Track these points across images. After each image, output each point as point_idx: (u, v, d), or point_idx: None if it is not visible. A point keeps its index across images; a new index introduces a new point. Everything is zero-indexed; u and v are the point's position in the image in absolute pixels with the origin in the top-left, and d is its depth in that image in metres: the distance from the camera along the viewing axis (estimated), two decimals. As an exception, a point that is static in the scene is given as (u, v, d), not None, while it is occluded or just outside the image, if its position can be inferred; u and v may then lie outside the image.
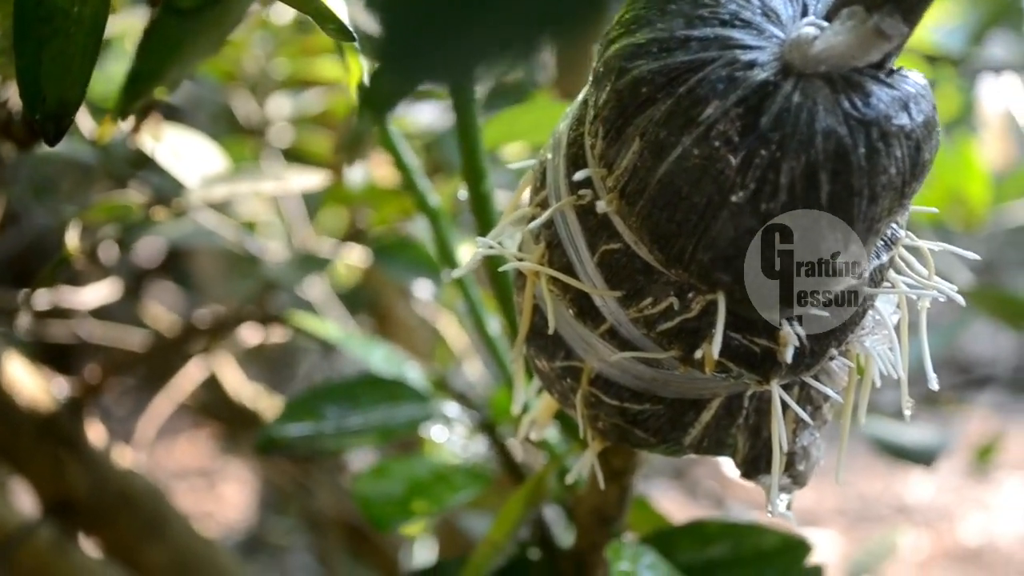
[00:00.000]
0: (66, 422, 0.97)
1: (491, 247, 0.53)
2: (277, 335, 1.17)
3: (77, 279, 1.03)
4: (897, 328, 0.51)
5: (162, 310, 1.13)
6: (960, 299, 0.49)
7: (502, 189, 0.78)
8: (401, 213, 0.97)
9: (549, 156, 0.51)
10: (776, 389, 0.48)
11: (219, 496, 2.85)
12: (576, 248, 0.49)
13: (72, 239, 0.74)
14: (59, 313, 1.05)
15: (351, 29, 0.46)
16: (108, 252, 1.01)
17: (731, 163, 0.42)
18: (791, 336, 0.47)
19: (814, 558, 0.69)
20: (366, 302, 1.24)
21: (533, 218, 0.51)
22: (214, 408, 1.31)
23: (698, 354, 0.46)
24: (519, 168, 0.55)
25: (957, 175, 1.44)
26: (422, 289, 0.97)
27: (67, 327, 1.07)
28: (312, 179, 0.81)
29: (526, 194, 0.54)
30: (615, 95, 0.45)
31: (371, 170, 1.01)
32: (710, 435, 0.54)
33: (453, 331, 1.01)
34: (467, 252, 0.78)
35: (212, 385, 1.25)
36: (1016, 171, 1.53)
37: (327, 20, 0.44)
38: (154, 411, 1.10)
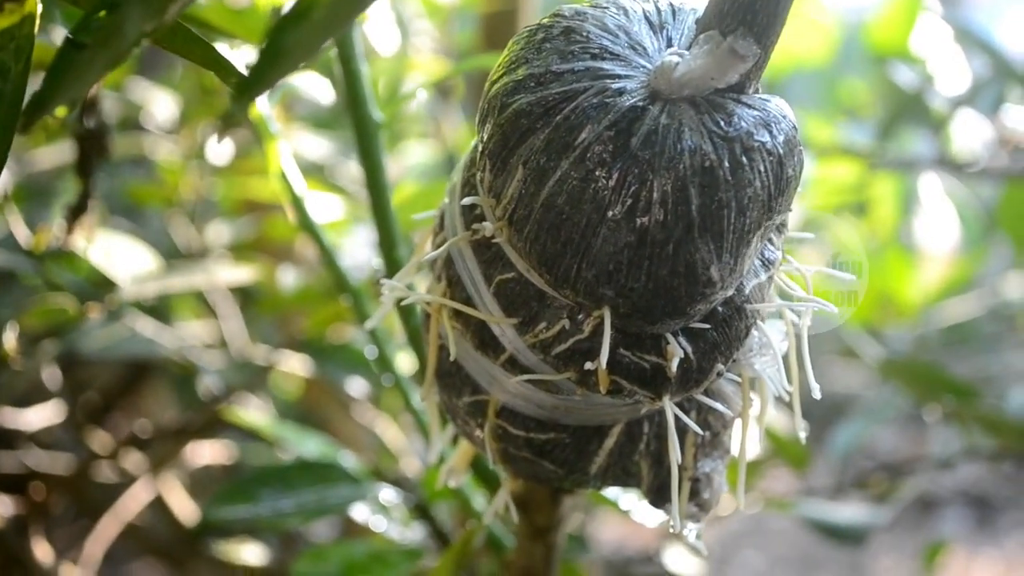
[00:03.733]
0: (12, 540, 0.98)
1: (397, 289, 0.55)
2: (221, 453, 1.19)
3: (23, 400, 1.05)
4: (785, 354, 0.54)
5: (107, 436, 1.14)
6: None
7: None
8: (333, 319, 0.99)
9: (446, 202, 0.55)
10: (669, 406, 0.51)
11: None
12: (474, 281, 0.52)
13: (9, 340, 0.76)
14: (4, 439, 1.06)
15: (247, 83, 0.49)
16: (52, 376, 1.03)
17: (606, 182, 0.45)
18: (677, 349, 0.49)
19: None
20: (305, 412, 1.25)
21: (432, 258, 0.54)
22: (161, 533, 1.31)
23: (590, 367, 0.49)
24: (421, 219, 0.57)
25: (887, 280, 1.48)
26: (356, 388, 0.99)
27: (13, 457, 1.07)
28: (242, 273, 0.84)
29: (428, 244, 0.57)
30: (498, 129, 0.48)
31: (302, 274, 1.04)
32: (615, 463, 0.56)
33: (391, 434, 1.03)
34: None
35: (159, 510, 1.25)
36: (948, 273, 1.57)
37: (227, 71, 0.47)
38: (101, 532, 1.11)
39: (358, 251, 1.22)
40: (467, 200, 0.51)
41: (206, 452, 1.20)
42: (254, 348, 1.00)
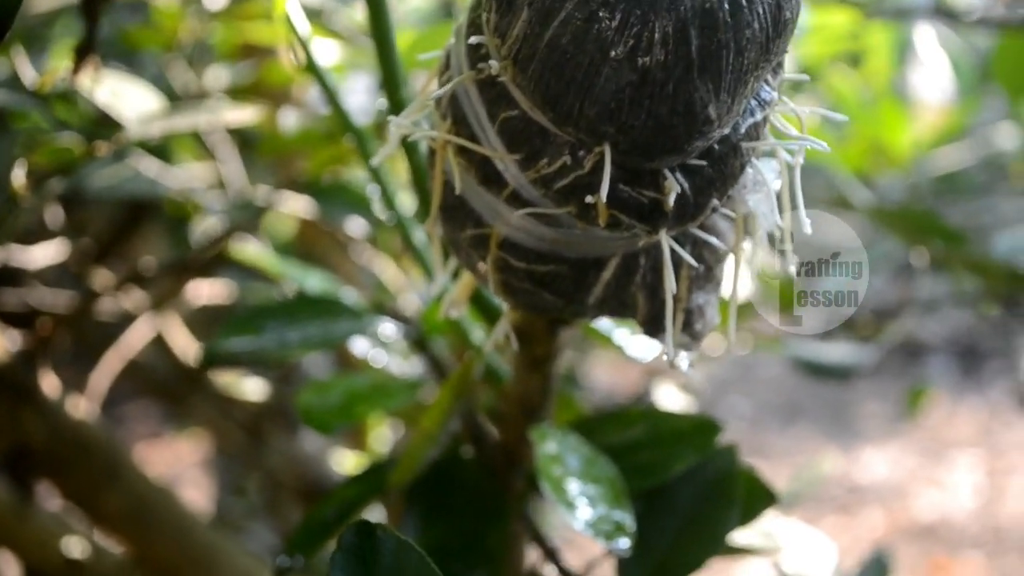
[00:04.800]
0: (21, 373, 1.00)
1: (404, 126, 0.57)
2: (220, 292, 1.21)
3: (26, 238, 1.06)
4: (778, 191, 0.56)
5: (109, 274, 1.16)
6: (827, 148, 0.54)
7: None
8: (334, 161, 1.01)
9: (451, 42, 0.56)
10: (665, 239, 0.53)
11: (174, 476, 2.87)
12: (478, 118, 0.54)
13: (18, 177, 0.78)
14: (9, 277, 1.08)
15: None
16: (54, 215, 1.05)
17: (609, 23, 0.47)
18: (674, 185, 0.51)
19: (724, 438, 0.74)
20: (301, 253, 1.27)
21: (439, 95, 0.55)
22: (161, 371, 1.34)
23: (590, 200, 0.51)
24: (428, 59, 0.59)
25: (879, 129, 1.50)
26: (355, 227, 1.01)
27: (16, 295, 1.10)
28: (246, 113, 0.85)
29: (434, 83, 0.58)
30: None
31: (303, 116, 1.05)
32: (611, 294, 0.58)
33: (390, 272, 1.05)
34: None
35: (159, 348, 1.28)
36: (941, 123, 1.58)
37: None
38: (105, 366, 1.14)
39: (355, 97, 1.23)
40: (473, 39, 0.52)
41: (205, 290, 1.22)
42: (254, 189, 1.02)
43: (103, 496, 1.05)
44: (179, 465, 2.97)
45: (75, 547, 1.03)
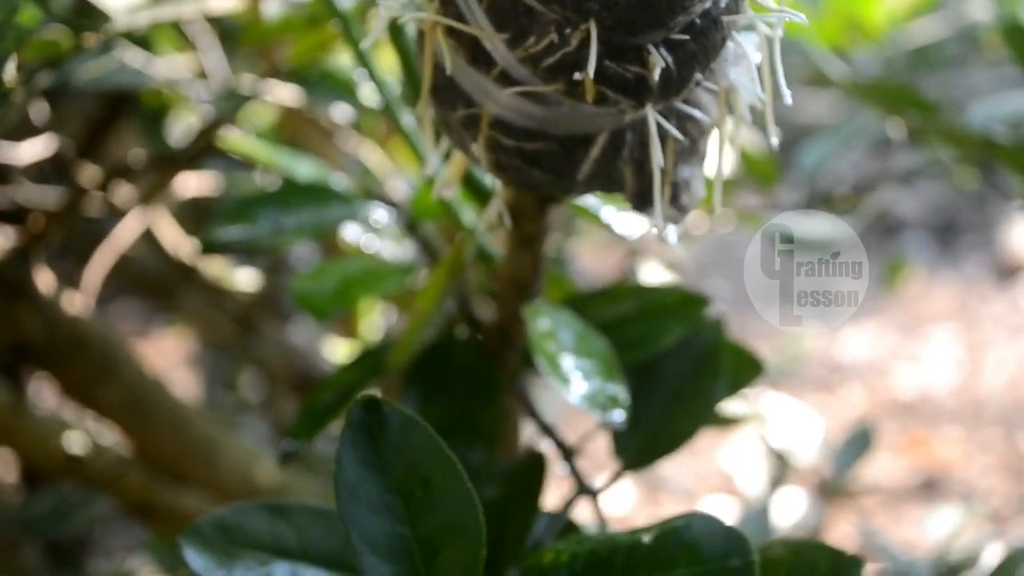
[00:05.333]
0: (15, 270, 1.01)
1: (392, 7, 0.58)
2: (207, 184, 1.22)
3: (11, 135, 1.07)
4: (759, 64, 0.58)
5: (96, 169, 1.17)
6: (804, 19, 0.55)
7: None
8: (318, 48, 1.01)
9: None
10: (651, 112, 0.54)
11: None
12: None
13: (10, 71, 0.79)
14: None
15: None
16: (40, 110, 1.06)
17: (593, -101, 0.48)
18: (658, 59, 0.53)
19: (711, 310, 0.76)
20: (285, 141, 1.27)
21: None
22: (150, 266, 1.35)
23: (577, 77, 0.52)
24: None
25: (853, 2, 1.50)
26: (341, 113, 1.02)
27: (4, 192, 1.10)
28: (230, 1, 0.86)
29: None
30: None
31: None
32: (600, 170, 0.60)
33: (375, 158, 1.06)
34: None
35: (150, 243, 1.29)
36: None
37: None
38: (97, 261, 1.15)
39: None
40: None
41: (193, 183, 1.23)
42: (238, 79, 1.02)
43: (100, 389, 1.07)
44: (165, 363, 2.99)
45: (75, 443, 1.05)
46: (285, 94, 1.01)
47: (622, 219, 0.78)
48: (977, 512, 1.63)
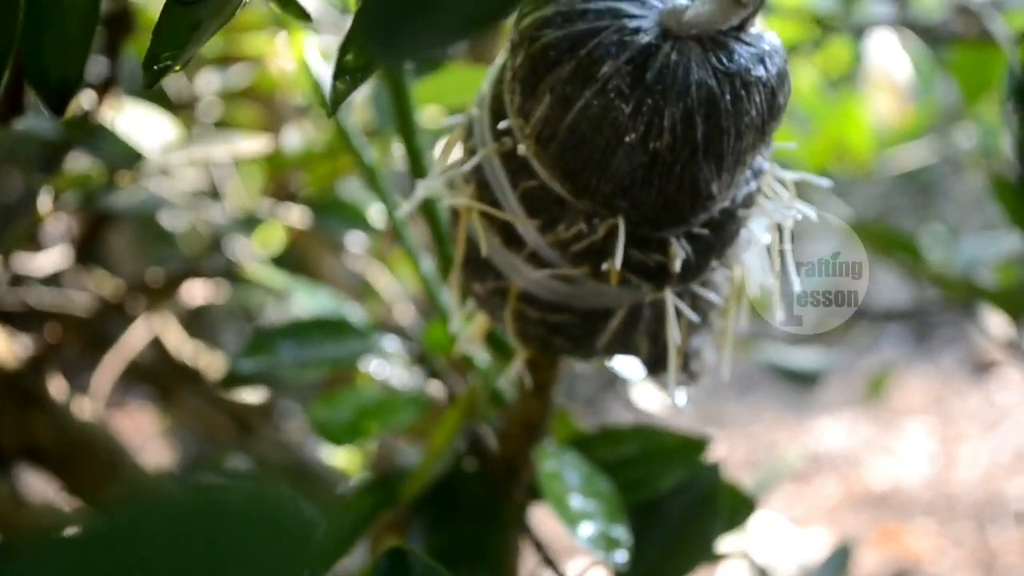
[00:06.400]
0: (30, 378, 1.05)
1: (431, 188, 0.63)
2: (217, 295, 1.26)
3: (28, 247, 1.10)
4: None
5: (106, 275, 1.20)
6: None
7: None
8: (332, 175, 1.05)
9: (475, 111, 0.62)
10: (670, 296, 0.59)
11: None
12: (501, 186, 0.59)
13: (45, 204, 0.83)
14: (13, 280, 1.12)
15: (306, 11, 0.55)
16: (57, 223, 1.10)
17: (624, 111, 0.53)
18: (679, 251, 0.57)
19: (711, 455, 0.80)
20: (295, 262, 1.31)
21: (464, 162, 0.61)
22: (154, 368, 1.38)
23: (604, 267, 0.57)
24: (450, 125, 0.64)
25: (841, 126, 1.55)
26: (355, 243, 1.06)
27: (16, 294, 1.13)
28: (257, 144, 0.90)
29: (457, 146, 0.64)
30: (528, 59, 0.55)
31: (305, 135, 1.09)
32: (617, 340, 0.64)
33: (383, 281, 1.10)
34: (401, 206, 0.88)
35: (153, 346, 1.32)
36: (900, 120, 1.64)
37: (287, 3, 0.54)
38: (106, 368, 1.18)
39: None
40: (501, 125, 0.58)
41: (199, 291, 1.27)
42: (253, 203, 1.07)
43: (106, 492, 1.10)
44: (140, 435, 2.99)
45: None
46: (299, 218, 1.05)
47: (641, 393, 0.82)
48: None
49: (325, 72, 0.78)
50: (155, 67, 0.43)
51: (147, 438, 2.92)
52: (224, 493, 0.28)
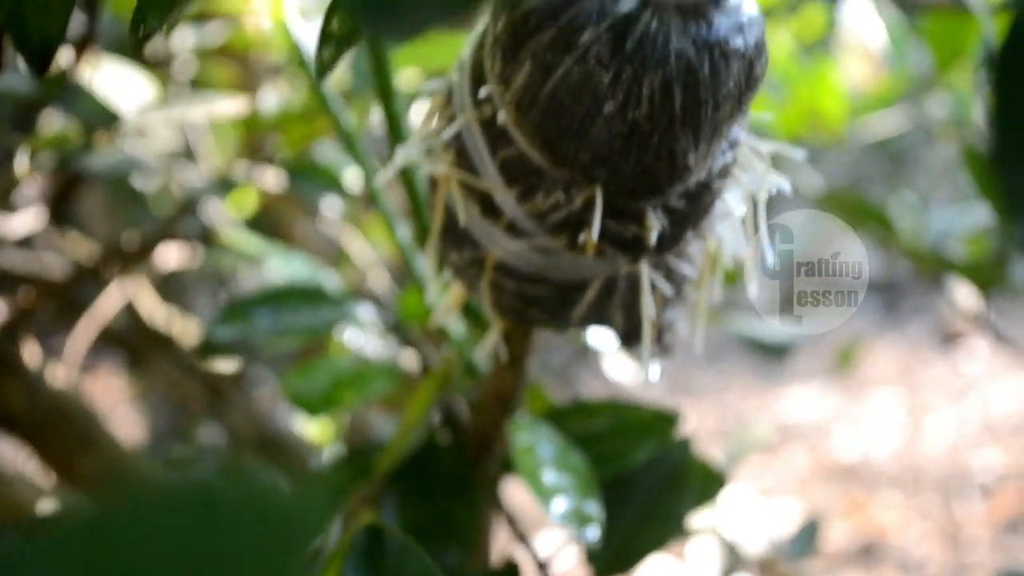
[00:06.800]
0: (3, 344, 1.04)
1: (409, 155, 0.62)
2: (191, 259, 1.25)
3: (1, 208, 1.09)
4: (743, 217, 0.62)
5: (79, 238, 1.19)
6: (788, 188, 0.59)
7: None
8: (308, 138, 1.05)
9: (455, 77, 0.61)
10: (644, 268, 0.59)
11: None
12: (480, 155, 0.59)
13: (22, 164, 0.82)
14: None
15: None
16: (30, 184, 1.08)
17: (604, 79, 0.52)
18: (655, 222, 0.57)
19: (682, 429, 0.80)
20: (268, 224, 1.30)
21: (443, 128, 0.61)
22: (126, 334, 1.37)
23: (581, 239, 0.57)
24: (430, 90, 0.64)
25: (815, 94, 1.55)
26: (330, 207, 1.06)
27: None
28: (234, 105, 0.89)
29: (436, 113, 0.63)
30: (509, 25, 0.55)
31: (281, 95, 1.09)
32: (593, 312, 0.64)
33: (357, 246, 1.10)
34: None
35: (126, 311, 1.31)
36: (873, 88, 1.64)
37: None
38: (79, 333, 1.17)
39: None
40: (481, 92, 0.57)
41: (173, 255, 1.26)
42: (228, 165, 1.06)
43: (78, 460, 1.09)
44: (110, 400, 2.98)
45: (48, 509, 1.07)
46: (274, 181, 1.04)
47: (613, 364, 0.82)
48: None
49: (304, 32, 0.77)
50: (142, 30, 0.43)
51: (118, 403, 2.91)
52: (220, 489, 0.28)
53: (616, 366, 1.11)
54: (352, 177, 1.02)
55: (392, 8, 0.28)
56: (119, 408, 2.89)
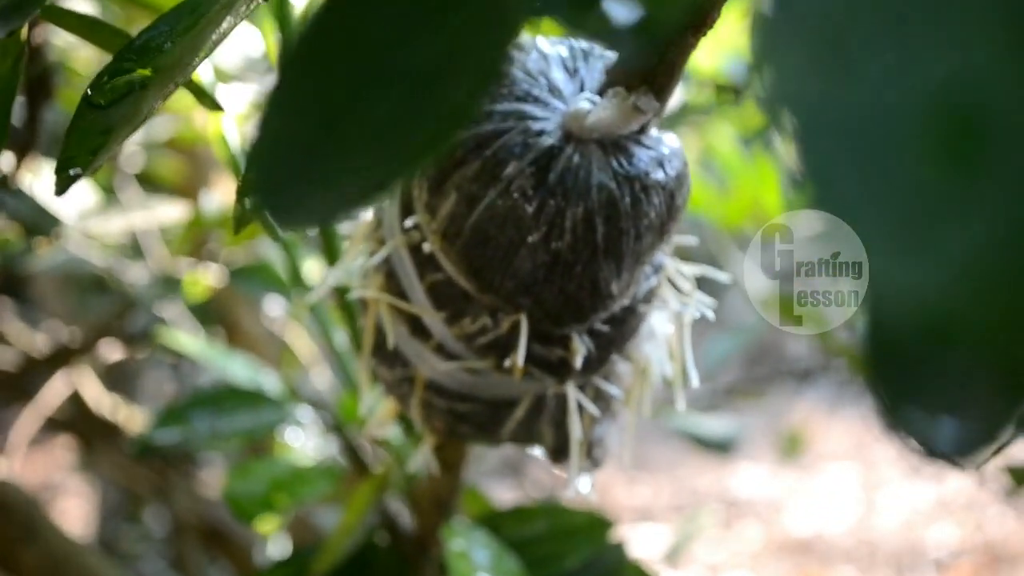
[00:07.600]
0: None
1: (339, 277, 0.63)
2: (138, 351, 1.26)
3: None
4: (669, 337, 0.64)
5: (22, 328, 1.20)
6: (711, 314, 0.61)
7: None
8: (251, 234, 1.06)
9: (384, 203, 0.62)
10: (571, 389, 0.60)
11: (61, 510, 2.86)
12: (408, 278, 0.60)
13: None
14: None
15: (219, 102, 0.56)
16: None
17: (527, 211, 0.54)
18: (580, 346, 0.58)
19: (616, 535, 0.81)
20: (216, 316, 1.31)
21: (372, 252, 0.62)
22: (73, 421, 1.37)
23: (507, 363, 0.58)
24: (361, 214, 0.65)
25: (757, 188, 1.57)
26: (274, 306, 1.06)
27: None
28: (175, 210, 0.91)
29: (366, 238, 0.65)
30: (436, 156, 0.56)
31: (224, 197, 1.10)
32: (522, 428, 0.65)
33: (301, 342, 1.11)
34: (314, 270, 0.89)
35: (73, 398, 1.32)
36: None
37: (203, 95, 0.55)
38: (24, 423, 1.18)
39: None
40: (408, 222, 0.59)
41: (116, 350, 1.27)
42: (173, 261, 1.07)
43: (21, 552, 1.09)
44: (58, 473, 2.95)
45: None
46: (217, 279, 1.05)
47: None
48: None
49: (240, 147, 0.78)
50: (68, 172, 0.44)
51: (67, 475, 2.88)
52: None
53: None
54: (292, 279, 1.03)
55: (292, 208, 0.28)
56: (70, 480, 2.87)
